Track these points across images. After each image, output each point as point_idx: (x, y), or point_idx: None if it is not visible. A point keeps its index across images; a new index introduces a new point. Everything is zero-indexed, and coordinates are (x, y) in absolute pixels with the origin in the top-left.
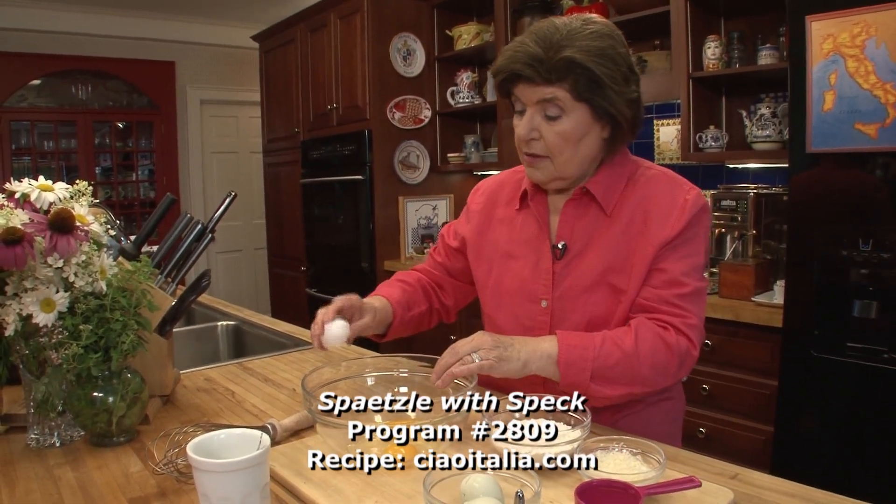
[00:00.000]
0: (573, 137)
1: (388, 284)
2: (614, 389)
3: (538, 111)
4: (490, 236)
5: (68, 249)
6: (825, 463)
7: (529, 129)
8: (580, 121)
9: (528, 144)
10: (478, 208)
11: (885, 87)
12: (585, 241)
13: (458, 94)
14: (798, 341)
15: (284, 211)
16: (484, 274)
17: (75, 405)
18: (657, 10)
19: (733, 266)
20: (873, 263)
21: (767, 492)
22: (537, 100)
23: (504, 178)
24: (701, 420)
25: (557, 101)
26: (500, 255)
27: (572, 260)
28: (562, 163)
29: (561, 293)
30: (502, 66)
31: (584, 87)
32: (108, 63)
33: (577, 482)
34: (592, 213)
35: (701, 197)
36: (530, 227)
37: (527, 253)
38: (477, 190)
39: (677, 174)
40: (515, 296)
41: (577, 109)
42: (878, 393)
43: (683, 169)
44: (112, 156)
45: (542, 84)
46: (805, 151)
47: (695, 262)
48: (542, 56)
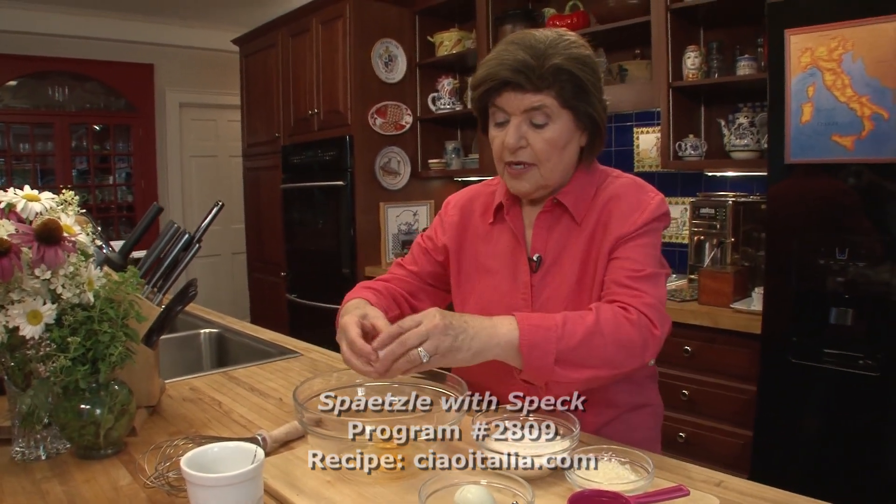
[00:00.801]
0: (559, 144)
1: (357, 291)
2: (580, 372)
3: (524, 120)
4: (468, 251)
5: (56, 261)
6: (803, 467)
7: (518, 137)
8: (565, 128)
9: (516, 153)
10: (453, 220)
11: (860, 100)
12: (559, 251)
13: (440, 100)
14: (776, 347)
15: (264, 216)
16: (464, 289)
17: (62, 418)
18: (638, 20)
19: (712, 273)
20: (849, 272)
21: (751, 498)
22: (525, 108)
23: (475, 192)
24: (681, 425)
25: (545, 108)
26: (478, 270)
27: (548, 271)
28: (549, 170)
29: (540, 305)
30: (490, 74)
31: (571, 94)
32: (85, 65)
33: (567, 492)
34: (564, 224)
35: (664, 203)
36: (506, 241)
37: (504, 266)
38: (448, 203)
39: (644, 182)
40: (496, 311)
41: (562, 116)
42: (854, 398)
43: (663, 177)
44: (89, 159)
45: (531, 91)
46: (783, 162)
47: (653, 252)
48: (531, 63)
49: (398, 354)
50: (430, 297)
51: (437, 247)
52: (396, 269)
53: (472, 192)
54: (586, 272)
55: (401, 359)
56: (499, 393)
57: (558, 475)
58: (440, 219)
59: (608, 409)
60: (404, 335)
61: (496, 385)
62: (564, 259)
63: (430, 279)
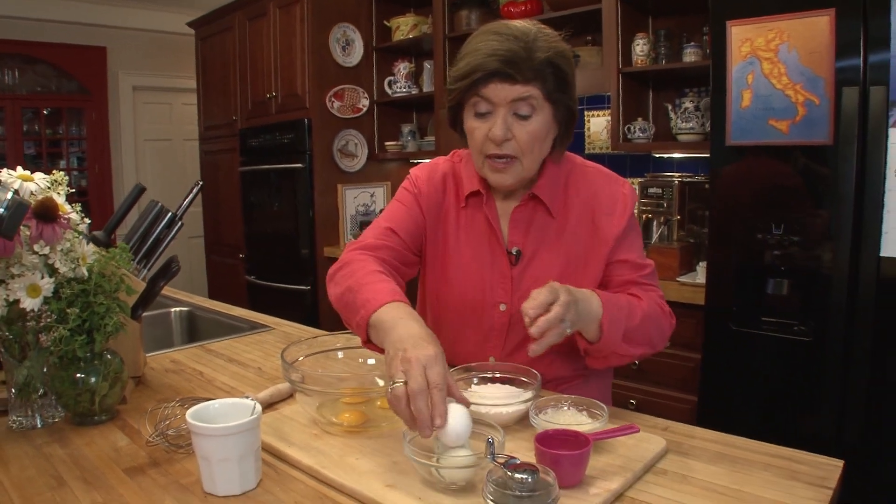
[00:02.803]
0: (541, 136)
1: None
2: (635, 349)
3: (509, 111)
4: (440, 230)
5: (54, 237)
6: (744, 426)
7: (505, 128)
8: (546, 120)
9: (502, 146)
10: (430, 203)
11: (795, 87)
12: (537, 245)
13: (396, 83)
14: (718, 317)
15: (222, 199)
16: (435, 269)
17: (58, 386)
18: (589, 7)
19: (659, 249)
20: (785, 245)
21: (693, 439)
22: (512, 98)
23: (444, 170)
24: (631, 392)
25: (531, 99)
26: (449, 253)
27: (528, 264)
28: (530, 162)
29: (520, 297)
30: (480, 64)
31: (554, 87)
32: (36, 47)
33: (531, 436)
34: (540, 217)
35: (633, 191)
36: (480, 228)
37: (479, 256)
38: (419, 178)
39: (608, 169)
40: (475, 300)
41: (545, 109)
42: (790, 361)
43: (613, 158)
44: (42, 143)
45: (520, 83)
46: (725, 144)
47: (641, 244)
48: (522, 55)
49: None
50: (413, 266)
51: (422, 222)
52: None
53: (440, 168)
54: (568, 266)
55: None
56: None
57: (523, 424)
58: (415, 187)
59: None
60: (557, 308)
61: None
62: (544, 252)
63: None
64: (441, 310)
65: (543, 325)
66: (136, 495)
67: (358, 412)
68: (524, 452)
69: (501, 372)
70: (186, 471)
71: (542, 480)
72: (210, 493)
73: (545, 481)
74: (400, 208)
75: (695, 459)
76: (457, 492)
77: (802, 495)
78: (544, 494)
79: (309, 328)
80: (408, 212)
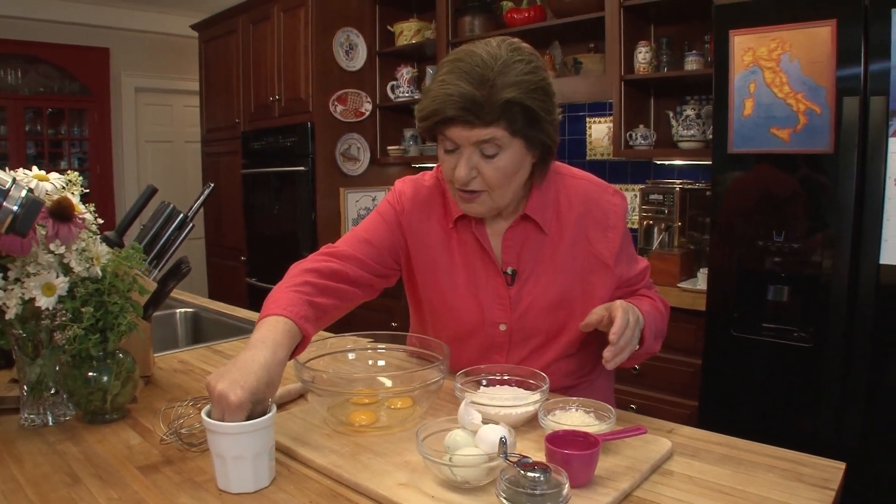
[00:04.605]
0: (510, 171)
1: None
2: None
3: (474, 150)
4: (430, 254)
5: (69, 236)
6: (745, 431)
7: (469, 168)
8: (516, 155)
9: (468, 183)
10: (413, 221)
11: (796, 96)
12: (533, 263)
13: (398, 88)
14: (719, 323)
15: (224, 201)
16: (424, 289)
17: (70, 385)
18: (593, 15)
19: (660, 255)
20: (785, 253)
21: (698, 441)
22: (474, 141)
23: (430, 189)
24: (632, 397)
25: (495, 140)
26: (444, 278)
27: (525, 283)
28: (500, 195)
29: (519, 315)
30: (434, 110)
31: (521, 124)
32: (39, 48)
33: (541, 437)
34: (533, 236)
35: (623, 198)
36: (470, 248)
37: (474, 278)
38: (403, 195)
39: (596, 178)
40: (474, 321)
41: (513, 145)
42: (790, 367)
43: (614, 165)
44: (44, 143)
45: (480, 126)
46: (727, 152)
47: (633, 247)
48: (479, 98)
49: (624, 348)
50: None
51: (401, 240)
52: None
53: (426, 187)
54: (566, 283)
55: (626, 349)
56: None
57: (531, 425)
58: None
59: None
60: (631, 327)
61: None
62: (541, 271)
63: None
64: (440, 331)
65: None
66: (151, 493)
67: (369, 412)
68: (533, 453)
69: (510, 374)
70: (200, 469)
71: (554, 479)
72: (224, 491)
73: (557, 480)
74: (380, 222)
75: (700, 461)
76: (469, 490)
77: (806, 496)
78: (556, 493)
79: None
80: (388, 227)
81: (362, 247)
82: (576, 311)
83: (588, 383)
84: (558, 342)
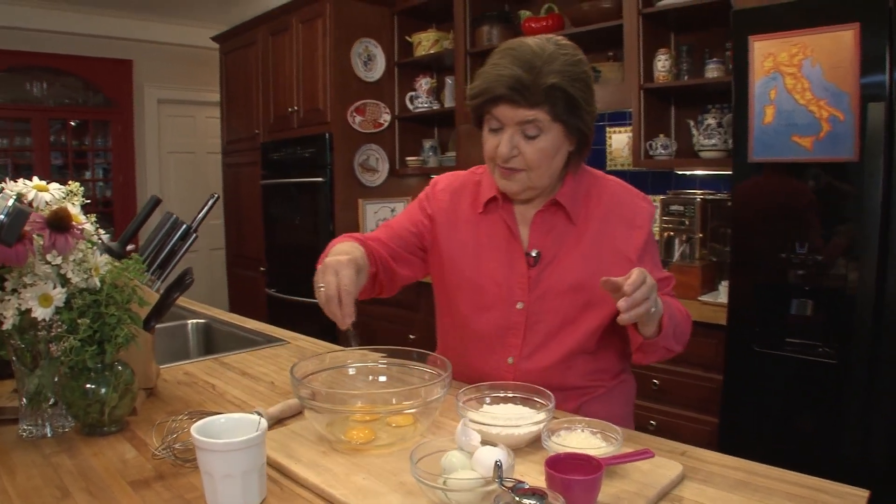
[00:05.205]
0: (549, 154)
1: (344, 239)
2: (677, 346)
3: (517, 130)
4: (456, 237)
5: (66, 247)
6: (766, 451)
7: (511, 147)
8: (555, 139)
9: (508, 161)
10: (442, 205)
11: (819, 103)
12: (556, 249)
13: (417, 99)
14: (741, 337)
15: (244, 212)
16: (451, 274)
17: (68, 396)
18: (611, 23)
19: (680, 267)
20: (808, 265)
21: (712, 465)
22: (518, 120)
23: (464, 179)
24: (651, 413)
25: (538, 122)
26: (466, 257)
27: (546, 267)
28: (538, 175)
29: (537, 296)
30: (485, 88)
31: (563, 109)
32: (64, 60)
33: (542, 459)
34: (561, 223)
35: (651, 204)
36: (499, 232)
37: (498, 257)
38: (437, 184)
39: (626, 183)
40: (493, 298)
41: (553, 129)
42: (814, 384)
43: (634, 175)
44: (67, 154)
45: (525, 107)
46: (747, 161)
47: (659, 257)
48: (526, 80)
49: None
50: (408, 264)
51: (425, 223)
52: (381, 231)
53: (461, 178)
54: (586, 272)
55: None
56: (485, 368)
57: (535, 446)
58: (428, 198)
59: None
60: (648, 286)
61: (481, 361)
62: (563, 257)
63: (411, 249)
64: (458, 310)
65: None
66: None
67: (368, 429)
68: (535, 475)
69: (514, 392)
70: (191, 485)
71: None
72: None
73: None
74: (406, 211)
75: (713, 486)
76: None
77: None
78: None
79: (324, 343)
80: (411, 212)
81: (383, 230)
82: (594, 301)
83: (607, 391)
84: (575, 330)
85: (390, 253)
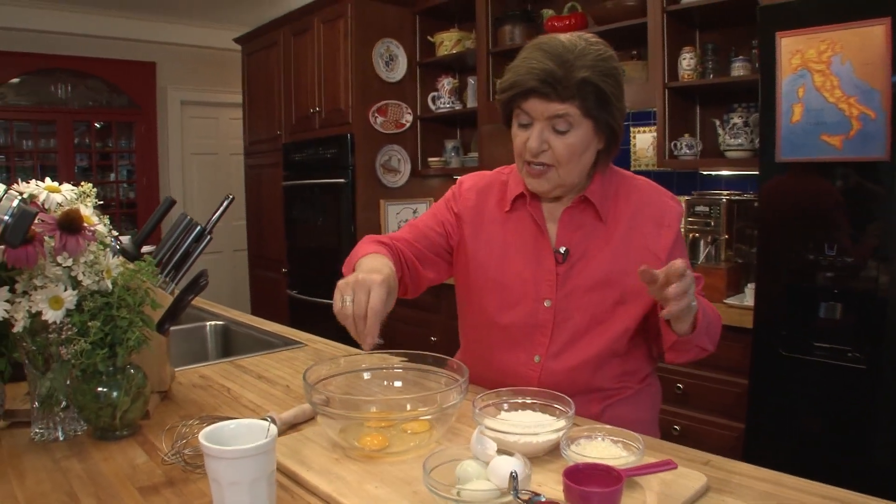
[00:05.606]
0: (579, 149)
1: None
2: (709, 345)
3: (547, 125)
4: (483, 235)
5: (77, 249)
6: (794, 457)
7: (541, 141)
8: (585, 135)
9: (537, 156)
10: (468, 204)
11: (849, 100)
12: (585, 246)
13: (439, 99)
14: (768, 341)
15: (265, 213)
16: (477, 272)
17: (80, 400)
18: (635, 21)
19: (706, 269)
20: (838, 267)
21: (738, 476)
22: (549, 115)
23: (490, 179)
24: (676, 418)
25: (568, 116)
26: (496, 255)
27: (575, 264)
28: (567, 172)
29: (565, 294)
30: (517, 81)
31: (593, 105)
32: (88, 63)
33: (561, 468)
34: (589, 221)
35: (680, 204)
36: (527, 229)
37: (526, 254)
38: (462, 184)
39: (655, 182)
40: (519, 295)
41: (583, 125)
42: (843, 390)
43: (659, 175)
44: (91, 156)
45: (556, 101)
46: (774, 160)
47: (688, 257)
48: (559, 74)
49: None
50: (436, 266)
51: (452, 221)
52: (406, 231)
53: (487, 178)
54: (614, 269)
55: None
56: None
57: (554, 454)
58: (455, 197)
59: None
60: (688, 279)
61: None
62: (591, 254)
63: (436, 250)
64: (484, 308)
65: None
66: None
67: (381, 436)
68: (553, 486)
69: (533, 398)
70: (201, 492)
71: None
72: None
73: None
74: (432, 210)
75: (738, 498)
76: None
77: None
78: None
79: (342, 345)
80: (443, 213)
81: (408, 230)
82: (624, 300)
83: (634, 392)
84: (604, 331)
85: (416, 254)
